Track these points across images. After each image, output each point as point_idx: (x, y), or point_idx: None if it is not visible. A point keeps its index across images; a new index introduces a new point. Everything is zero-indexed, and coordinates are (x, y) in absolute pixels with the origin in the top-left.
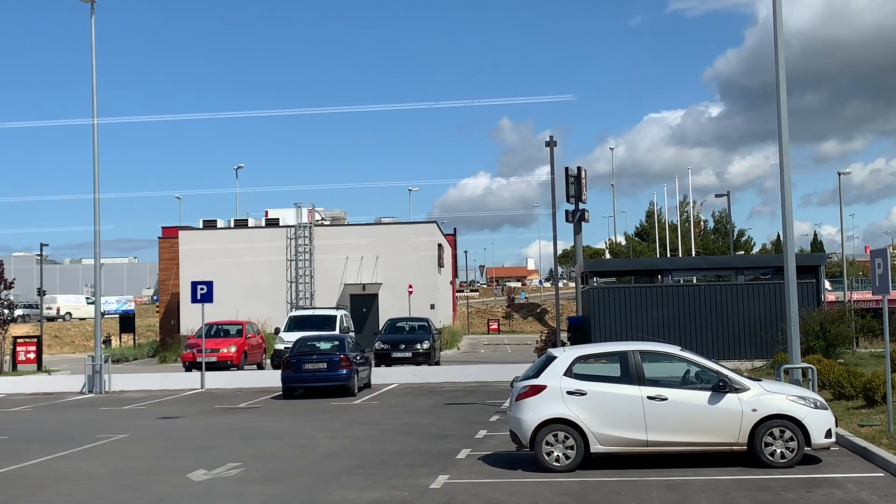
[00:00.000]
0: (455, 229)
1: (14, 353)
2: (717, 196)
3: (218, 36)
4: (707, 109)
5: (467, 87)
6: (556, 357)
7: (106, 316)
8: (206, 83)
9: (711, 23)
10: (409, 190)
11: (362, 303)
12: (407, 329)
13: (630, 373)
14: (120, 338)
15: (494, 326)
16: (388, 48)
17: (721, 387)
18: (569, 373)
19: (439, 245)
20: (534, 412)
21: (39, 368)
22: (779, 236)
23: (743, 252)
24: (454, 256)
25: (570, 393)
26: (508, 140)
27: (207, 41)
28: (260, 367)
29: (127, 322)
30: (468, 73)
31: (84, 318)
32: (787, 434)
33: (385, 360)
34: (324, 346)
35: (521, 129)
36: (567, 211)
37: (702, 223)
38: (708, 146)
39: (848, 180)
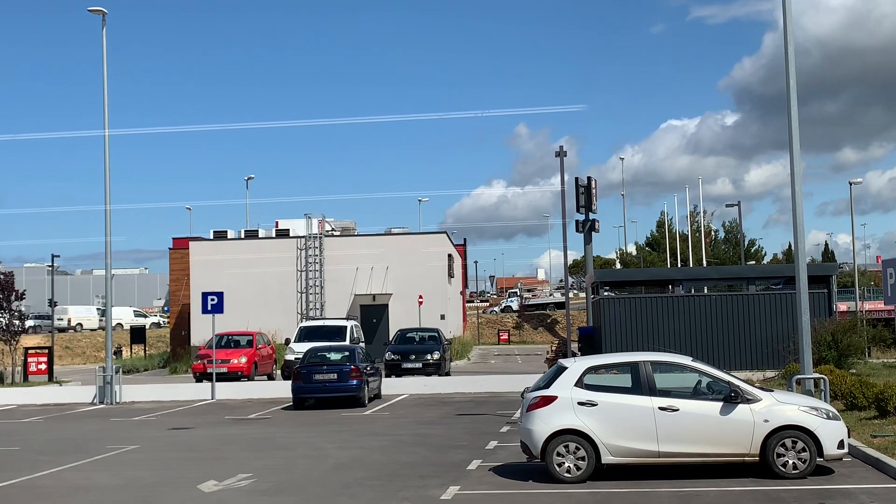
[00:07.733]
0: (465, 240)
1: (25, 364)
2: (727, 206)
3: (229, 47)
4: (724, 118)
5: (484, 94)
6: (566, 368)
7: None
8: (217, 94)
9: (732, 30)
10: (419, 200)
11: (372, 313)
12: (417, 339)
13: (641, 383)
14: (131, 349)
15: (505, 337)
16: (401, 58)
17: (733, 397)
18: (580, 383)
19: (449, 255)
20: (545, 423)
21: (50, 379)
22: (790, 246)
23: (754, 262)
24: (464, 267)
25: (581, 404)
26: (524, 148)
27: (218, 52)
28: (270, 377)
29: (138, 333)
30: (485, 80)
31: (95, 329)
32: (800, 445)
33: (395, 370)
34: (334, 356)
35: (538, 137)
36: (577, 221)
37: (712, 233)
38: (725, 154)
39: (865, 189)
